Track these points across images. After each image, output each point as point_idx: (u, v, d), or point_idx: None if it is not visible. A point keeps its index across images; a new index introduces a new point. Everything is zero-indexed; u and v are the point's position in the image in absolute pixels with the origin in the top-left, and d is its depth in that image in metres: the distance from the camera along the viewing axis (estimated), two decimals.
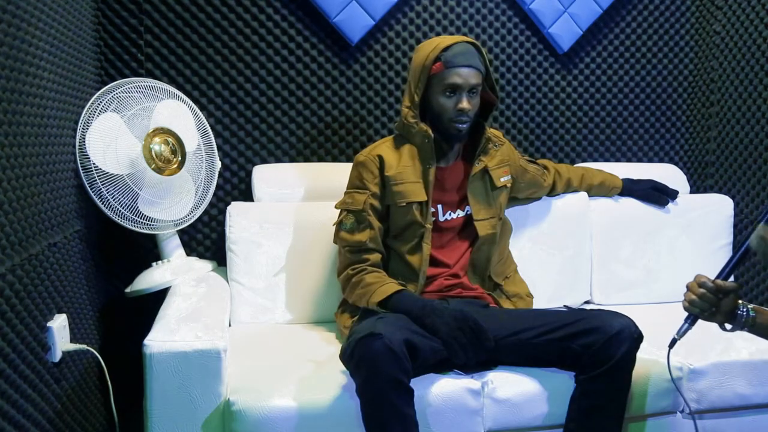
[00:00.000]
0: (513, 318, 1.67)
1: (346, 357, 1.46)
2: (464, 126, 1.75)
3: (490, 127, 1.89)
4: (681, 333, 1.42)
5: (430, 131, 1.75)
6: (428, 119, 1.78)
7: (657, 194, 2.26)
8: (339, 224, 1.80)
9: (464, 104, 1.71)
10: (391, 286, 1.66)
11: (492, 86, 1.82)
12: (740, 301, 1.37)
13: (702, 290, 1.36)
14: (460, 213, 1.83)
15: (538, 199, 2.14)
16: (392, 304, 1.63)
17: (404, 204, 1.76)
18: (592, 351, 1.52)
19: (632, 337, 1.53)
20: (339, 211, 1.83)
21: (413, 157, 1.80)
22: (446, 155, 1.82)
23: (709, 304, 1.36)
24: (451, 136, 1.77)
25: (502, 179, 1.87)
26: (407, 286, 1.74)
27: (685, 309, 1.40)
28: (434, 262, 1.80)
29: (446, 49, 1.71)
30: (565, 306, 2.10)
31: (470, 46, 1.73)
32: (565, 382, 1.61)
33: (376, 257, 1.77)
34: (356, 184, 1.82)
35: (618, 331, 1.52)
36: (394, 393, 1.38)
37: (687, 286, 1.39)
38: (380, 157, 1.80)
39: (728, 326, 1.39)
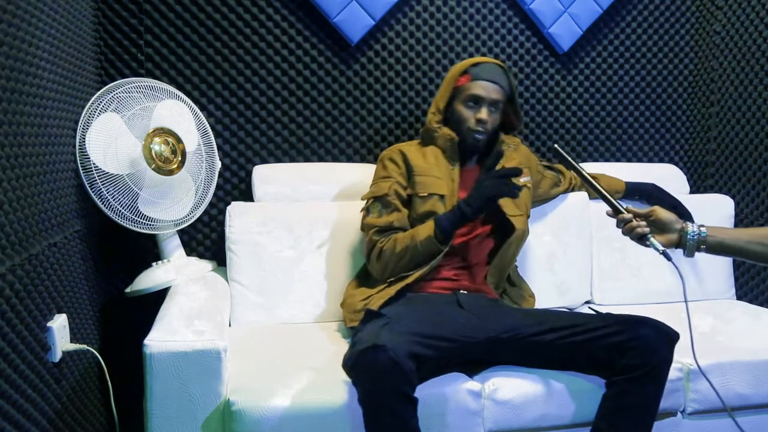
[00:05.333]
0: (538, 318, 1.66)
1: (348, 367, 1.43)
2: (481, 137, 1.83)
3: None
4: (658, 247, 1.45)
5: (453, 134, 1.84)
6: (450, 127, 1.87)
7: (657, 200, 2.24)
8: (366, 211, 1.86)
9: (483, 114, 1.80)
10: (426, 223, 1.73)
11: (516, 111, 1.92)
12: (691, 225, 1.48)
13: (628, 225, 1.49)
14: None
15: (551, 199, 2.17)
16: (443, 226, 1.70)
17: (425, 195, 1.81)
18: (631, 354, 1.48)
19: (670, 338, 1.52)
20: (365, 201, 1.88)
21: (437, 157, 1.87)
22: (467, 159, 1.89)
23: (637, 224, 1.47)
24: (469, 145, 1.85)
25: (522, 179, 1.90)
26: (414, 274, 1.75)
27: (639, 238, 1.47)
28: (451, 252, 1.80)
29: (476, 65, 1.84)
30: (590, 308, 2.12)
31: (498, 67, 1.85)
32: (565, 383, 1.61)
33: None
34: (381, 174, 1.89)
35: (654, 334, 1.50)
36: (398, 405, 1.35)
37: (627, 230, 1.49)
38: (402, 152, 1.89)
39: (680, 250, 1.48)
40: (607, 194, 1.55)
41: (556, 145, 1.61)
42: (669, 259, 1.45)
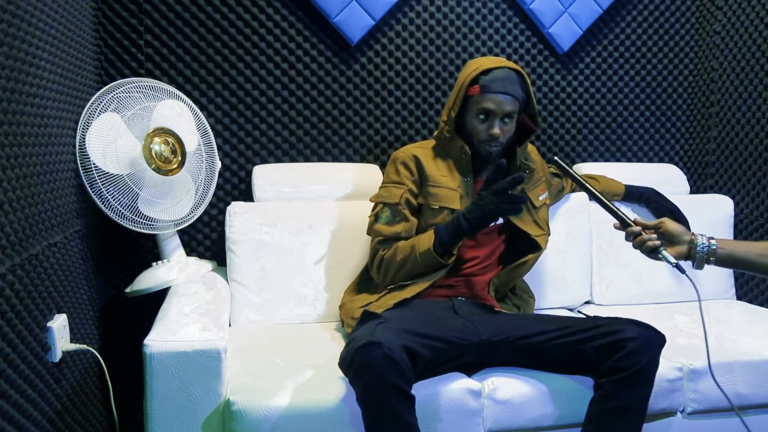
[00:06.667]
0: (529, 321, 1.67)
1: (345, 365, 1.44)
2: (494, 150, 1.77)
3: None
4: (671, 260, 1.45)
5: (467, 147, 1.78)
6: (463, 136, 1.80)
7: (656, 204, 2.24)
8: (374, 217, 1.82)
9: (495, 130, 1.72)
10: (427, 233, 1.71)
11: (533, 114, 1.82)
12: (700, 236, 1.46)
13: (638, 238, 1.48)
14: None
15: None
16: (442, 239, 1.68)
17: (437, 207, 1.78)
18: (619, 355, 1.48)
19: (657, 341, 1.51)
20: (375, 204, 1.85)
21: (451, 167, 1.83)
22: (482, 169, 1.84)
23: (648, 237, 1.47)
24: (482, 157, 1.80)
25: (540, 197, 1.89)
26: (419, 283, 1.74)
27: (650, 251, 1.47)
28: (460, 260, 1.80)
29: (486, 72, 1.72)
30: (578, 311, 2.12)
31: (512, 72, 1.73)
32: (565, 383, 1.61)
33: None
34: (393, 178, 1.84)
35: (642, 336, 1.50)
36: (396, 401, 1.36)
37: (638, 243, 1.48)
38: (416, 157, 1.83)
39: (690, 262, 1.47)
40: (614, 208, 1.52)
41: (556, 158, 1.56)
42: (683, 271, 1.43)
